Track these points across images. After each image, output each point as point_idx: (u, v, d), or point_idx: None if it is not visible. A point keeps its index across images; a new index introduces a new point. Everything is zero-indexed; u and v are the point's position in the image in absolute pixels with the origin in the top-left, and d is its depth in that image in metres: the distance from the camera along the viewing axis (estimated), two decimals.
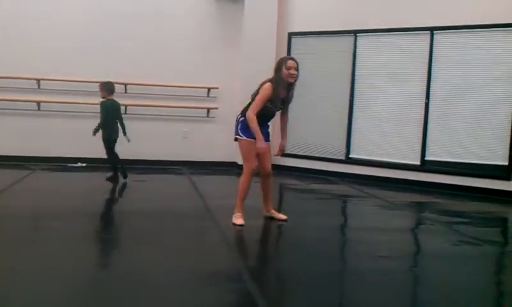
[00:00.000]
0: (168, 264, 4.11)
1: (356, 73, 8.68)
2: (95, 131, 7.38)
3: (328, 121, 8.85)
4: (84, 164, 8.61)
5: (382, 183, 8.22)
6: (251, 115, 5.11)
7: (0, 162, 8.58)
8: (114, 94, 7.60)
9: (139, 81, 9.00)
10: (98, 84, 7.59)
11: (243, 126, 5.24)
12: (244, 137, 5.24)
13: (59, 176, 7.84)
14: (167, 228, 5.22)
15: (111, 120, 7.44)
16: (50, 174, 7.88)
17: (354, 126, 8.71)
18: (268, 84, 5.14)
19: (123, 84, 8.96)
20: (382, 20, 8.36)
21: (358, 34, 8.64)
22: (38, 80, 8.73)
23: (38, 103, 8.68)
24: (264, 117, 5.26)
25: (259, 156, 5.33)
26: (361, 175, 8.53)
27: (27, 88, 8.68)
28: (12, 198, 6.37)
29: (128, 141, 7.48)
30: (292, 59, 5.28)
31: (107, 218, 5.66)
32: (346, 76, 8.73)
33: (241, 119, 5.27)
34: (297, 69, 5.19)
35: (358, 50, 8.66)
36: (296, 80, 5.24)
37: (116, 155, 7.55)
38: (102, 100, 7.50)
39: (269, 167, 5.48)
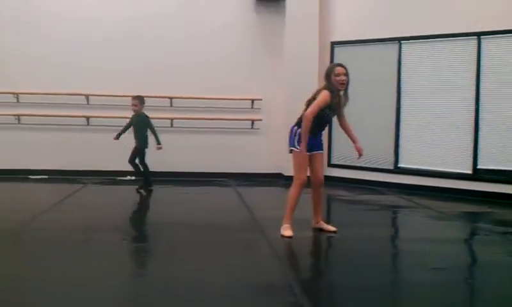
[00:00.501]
0: (217, 277, 4.10)
1: (402, 81, 8.52)
2: (118, 136, 7.74)
3: (374, 131, 8.70)
4: (133, 178, 8.76)
5: (432, 193, 8.01)
6: (310, 115, 5.04)
7: (53, 176, 8.86)
8: (161, 108, 7.74)
9: (184, 94, 9.10)
10: (132, 97, 7.83)
11: (300, 139, 5.17)
12: (299, 149, 5.19)
13: (109, 189, 8.00)
14: (215, 240, 5.23)
15: (143, 131, 7.71)
16: (100, 188, 8.05)
17: (402, 135, 8.54)
18: (325, 92, 5.10)
19: (168, 97, 9.11)
20: (427, 26, 8.19)
21: (402, 42, 8.50)
22: (87, 96, 8.96)
23: (88, 118, 8.90)
24: (320, 125, 5.29)
25: (312, 165, 5.31)
26: (410, 185, 8.34)
27: (76, 104, 8.92)
28: (64, 212, 6.53)
29: (160, 148, 7.77)
30: (340, 65, 5.24)
31: (154, 230, 5.71)
32: (392, 84, 8.59)
33: (298, 130, 5.20)
34: (346, 74, 5.17)
35: (403, 57, 8.52)
36: (347, 85, 5.21)
37: (146, 165, 7.84)
38: (135, 112, 7.77)
39: (322, 176, 5.46)
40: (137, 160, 7.80)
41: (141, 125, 7.76)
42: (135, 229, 5.63)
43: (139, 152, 7.78)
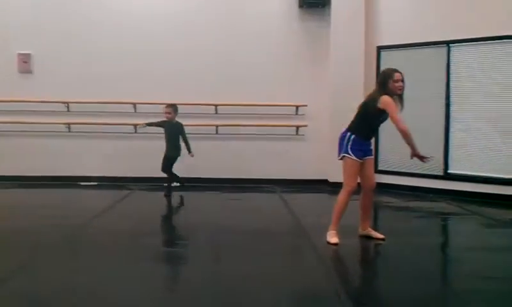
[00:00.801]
0: (264, 283, 4.10)
1: (451, 85, 8.31)
2: (148, 124, 7.95)
3: (423, 137, 8.41)
4: (178, 184, 8.85)
5: (483, 200, 7.76)
6: (403, 125, 4.95)
7: (103, 183, 9.09)
8: (206, 115, 7.80)
9: (229, 101, 9.16)
10: (166, 106, 7.96)
11: (353, 145, 5.14)
12: (354, 157, 5.14)
13: (156, 195, 8.11)
14: (261, 246, 5.23)
15: (176, 139, 7.85)
16: (147, 194, 8.18)
17: (452, 140, 8.32)
18: (387, 97, 4.99)
19: (213, 105, 9.18)
20: (477, 29, 7.97)
21: (451, 45, 8.30)
22: (134, 104, 9.15)
23: (135, 126, 9.08)
24: (373, 130, 5.33)
25: (365, 171, 5.27)
26: (460, 191, 8.10)
27: (125, 112, 9.12)
28: (113, 217, 6.68)
29: (192, 155, 7.90)
30: (397, 71, 5.17)
31: (200, 236, 5.75)
32: (440, 89, 8.39)
33: (352, 137, 5.15)
34: (403, 80, 5.14)
35: (452, 61, 8.31)
36: (403, 91, 5.17)
37: (172, 173, 7.98)
38: (169, 120, 7.88)
39: (374, 181, 5.42)
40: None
41: (175, 133, 7.86)
42: (181, 235, 5.70)
43: (170, 160, 7.88)
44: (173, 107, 7.92)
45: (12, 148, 9.22)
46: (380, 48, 9.04)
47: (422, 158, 5.20)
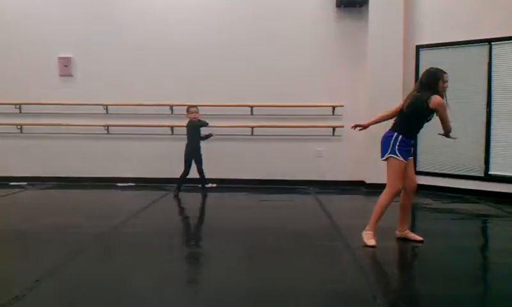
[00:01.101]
0: (299, 284, 4.07)
1: (493, 84, 8.09)
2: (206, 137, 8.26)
3: (463, 137, 8.22)
4: (214, 185, 8.90)
5: None
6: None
7: (139, 183, 9.21)
8: (242, 116, 7.83)
9: (264, 102, 9.15)
10: (192, 106, 8.18)
11: (401, 146, 5.06)
12: (401, 158, 5.06)
13: (191, 196, 8.17)
14: (296, 248, 5.19)
15: (197, 139, 8.12)
16: (183, 195, 8.23)
17: (493, 140, 8.09)
18: (439, 97, 5.01)
19: (249, 106, 9.19)
20: None
21: (493, 43, 8.07)
22: (171, 106, 9.24)
23: (172, 127, 9.16)
24: (419, 131, 5.28)
25: (407, 171, 5.20)
26: (501, 193, 7.88)
27: (161, 114, 9.22)
28: (148, 217, 6.75)
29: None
30: (445, 72, 5.19)
31: (235, 236, 5.75)
32: (481, 88, 8.18)
33: (400, 137, 5.07)
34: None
35: (493, 59, 8.08)
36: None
37: (187, 174, 8.21)
38: (195, 120, 8.11)
39: (416, 181, 5.36)
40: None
41: (199, 132, 8.19)
42: (215, 235, 5.70)
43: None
44: (195, 108, 8.20)
45: (52, 149, 9.46)
46: (419, 47, 8.87)
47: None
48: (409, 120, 5.12)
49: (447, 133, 5.27)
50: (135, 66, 9.37)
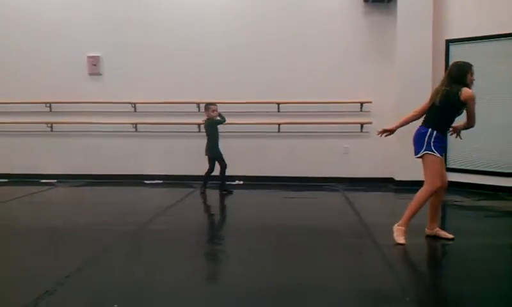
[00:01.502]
0: (328, 282, 4.03)
1: None
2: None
3: (495, 133, 8.11)
4: (241, 182, 8.90)
5: None
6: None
7: (167, 181, 9.28)
8: (269, 113, 7.81)
9: (292, 99, 9.11)
10: (211, 104, 8.18)
11: (436, 142, 4.98)
12: (438, 154, 4.98)
13: (218, 194, 8.18)
14: (325, 245, 5.15)
15: (215, 136, 8.11)
16: (210, 192, 8.25)
17: None
18: (470, 90, 4.96)
19: (276, 103, 9.15)
20: None
21: None
22: (198, 104, 9.26)
23: (199, 125, 9.19)
24: (451, 125, 5.18)
25: None
26: None
27: (188, 112, 9.25)
28: (175, 215, 6.79)
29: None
30: (472, 64, 5.13)
31: (263, 233, 5.73)
32: None
33: (435, 133, 4.99)
34: None
35: None
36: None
37: (212, 171, 8.24)
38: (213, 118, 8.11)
39: (447, 178, 5.25)
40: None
41: (216, 129, 8.17)
42: (241, 232, 5.70)
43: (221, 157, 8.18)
44: (215, 106, 8.19)
45: (81, 147, 9.62)
46: (449, 42, 8.69)
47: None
48: (443, 115, 5.04)
49: (468, 127, 5.16)
50: (162, 64, 9.44)
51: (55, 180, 9.42)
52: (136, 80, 9.46)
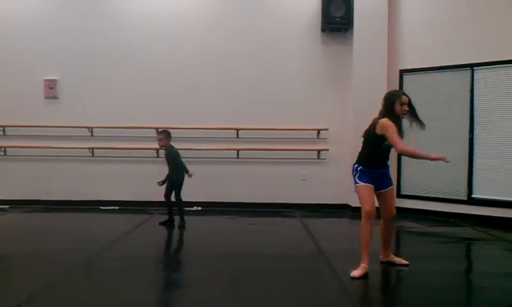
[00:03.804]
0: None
1: (475, 108, 8.20)
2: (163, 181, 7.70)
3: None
4: (199, 208, 8.86)
5: (509, 225, 7.60)
6: (401, 146, 4.81)
7: (123, 207, 9.13)
8: (228, 139, 7.80)
9: (250, 126, 9.18)
10: (157, 132, 7.86)
11: (361, 175, 5.04)
12: (362, 183, 5.02)
13: (176, 220, 8.09)
14: (282, 272, 5.16)
15: (178, 164, 7.66)
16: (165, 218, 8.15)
17: (476, 164, 8.18)
18: (385, 119, 4.88)
19: (235, 129, 9.21)
20: (501, 52, 7.89)
21: (475, 68, 8.21)
22: (157, 129, 9.19)
23: (157, 150, 9.13)
24: (381, 157, 5.10)
25: (384, 200, 5.16)
26: (485, 217, 7.95)
27: (146, 136, 9.18)
28: (133, 241, 6.68)
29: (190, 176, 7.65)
30: (405, 94, 5.09)
31: (219, 261, 5.70)
32: (464, 112, 8.29)
33: (358, 167, 5.08)
34: (409, 104, 5.04)
35: (475, 84, 8.21)
36: (414, 114, 5.09)
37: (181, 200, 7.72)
38: (162, 147, 7.74)
39: (394, 209, 5.24)
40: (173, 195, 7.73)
41: (172, 158, 7.68)
42: (198, 260, 5.65)
43: (176, 186, 7.70)
44: (164, 133, 7.72)
45: (36, 172, 9.37)
46: (403, 72, 8.99)
47: (440, 159, 4.91)
48: (366, 149, 5.09)
49: (424, 158, 4.88)
50: (120, 89, 9.38)
51: (7, 206, 9.13)
52: (94, 104, 9.36)
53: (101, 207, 9.19)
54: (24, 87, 9.39)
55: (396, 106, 4.98)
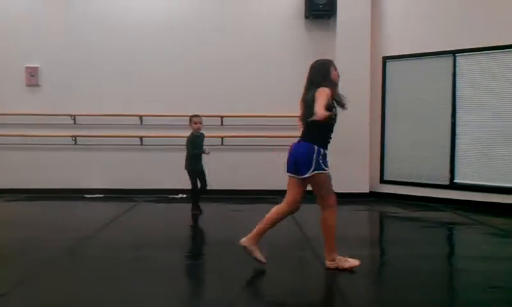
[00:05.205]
0: (270, 295, 4.06)
1: (457, 94, 8.28)
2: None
3: (429, 146, 8.48)
4: (184, 195, 8.86)
5: (490, 209, 7.71)
6: (322, 110, 4.21)
7: (108, 195, 9.10)
8: (212, 127, 7.78)
9: (234, 113, 9.18)
10: (196, 116, 7.63)
11: (324, 159, 4.57)
12: (328, 170, 4.62)
13: (161, 207, 8.11)
14: (268, 257, 5.19)
15: (188, 153, 7.55)
16: (152, 206, 8.17)
17: (458, 149, 8.28)
18: (323, 87, 4.43)
19: (219, 116, 9.19)
20: (483, 38, 7.96)
21: (457, 55, 8.28)
22: (141, 117, 9.18)
23: (141, 138, 9.09)
24: (329, 131, 4.68)
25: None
26: (466, 201, 8.06)
27: (130, 124, 9.15)
28: (118, 229, 6.67)
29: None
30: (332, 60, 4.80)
31: (205, 248, 5.71)
32: (446, 98, 8.36)
33: (317, 149, 4.53)
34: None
35: (457, 70, 8.29)
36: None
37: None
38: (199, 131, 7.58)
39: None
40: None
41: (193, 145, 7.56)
42: (181, 247, 5.67)
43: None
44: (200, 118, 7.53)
45: (19, 160, 9.29)
46: (386, 59, 9.04)
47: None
48: (319, 127, 4.56)
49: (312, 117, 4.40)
50: (103, 75, 9.29)
51: None
52: (76, 92, 9.27)
53: (85, 195, 9.15)
54: (4, 76, 9.26)
55: (333, 72, 4.71)
